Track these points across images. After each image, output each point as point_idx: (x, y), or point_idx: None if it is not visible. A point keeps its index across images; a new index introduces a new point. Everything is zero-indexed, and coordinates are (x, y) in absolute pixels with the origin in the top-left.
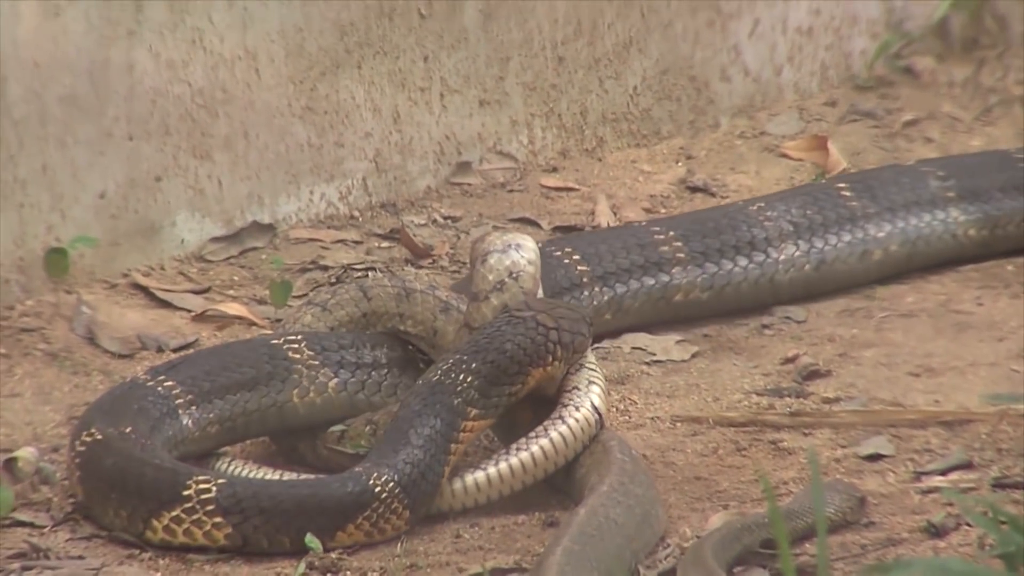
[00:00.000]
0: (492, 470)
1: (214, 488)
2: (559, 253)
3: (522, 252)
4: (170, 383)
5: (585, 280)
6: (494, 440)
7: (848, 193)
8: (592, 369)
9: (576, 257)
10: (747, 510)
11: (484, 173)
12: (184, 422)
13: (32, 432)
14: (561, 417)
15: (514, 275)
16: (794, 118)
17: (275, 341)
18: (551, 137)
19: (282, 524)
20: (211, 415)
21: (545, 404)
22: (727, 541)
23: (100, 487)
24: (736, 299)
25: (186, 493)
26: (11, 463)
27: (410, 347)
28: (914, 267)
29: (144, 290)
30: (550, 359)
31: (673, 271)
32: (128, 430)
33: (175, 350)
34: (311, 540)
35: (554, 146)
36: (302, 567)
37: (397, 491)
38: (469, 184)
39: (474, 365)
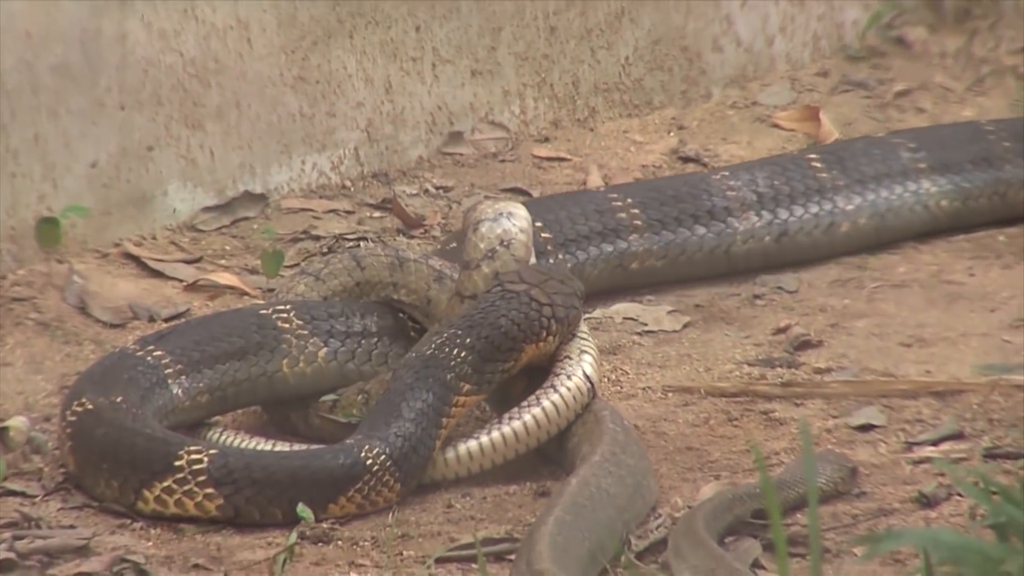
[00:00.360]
0: (484, 439)
1: (206, 458)
2: None
3: (513, 220)
4: (159, 353)
5: (550, 248)
6: (486, 410)
7: (818, 164)
8: (584, 338)
9: (539, 224)
10: (738, 480)
11: (476, 143)
12: (174, 391)
13: (23, 402)
14: (553, 386)
15: (505, 243)
16: (786, 88)
17: (264, 311)
18: (543, 107)
19: (274, 496)
20: (201, 384)
21: (538, 373)
22: (718, 511)
23: (92, 457)
24: (690, 268)
25: (178, 463)
26: (2, 433)
27: (401, 315)
28: (883, 240)
29: (136, 260)
30: (544, 334)
31: (630, 238)
32: (119, 400)
33: (167, 320)
34: (303, 510)
35: (546, 116)
36: (294, 537)
37: (388, 464)
38: (461, 154)
39: (468, 340)
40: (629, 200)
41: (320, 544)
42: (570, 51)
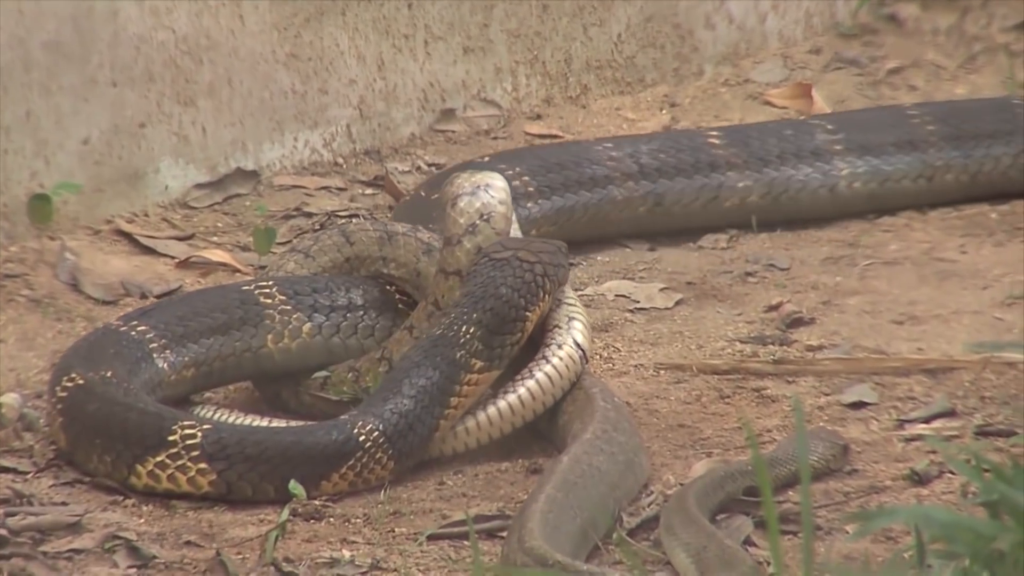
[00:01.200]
0: (481, 415)
1: (199, 433)
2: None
3: (492, 192)
4: (143, 327)
5: None
6: None
7: (716, 141)
8: (571, 304)
9: None
10: (730, 458)
11: (468, 120)
12: (160, 365)
13: (15, 378)
14: (545, 357)
15: (485, 216)
16: (778, 66)
17: (246, 287)
18: (535, 84)
19: (267, 472)
20: (186, 359)
21: (528, 344)
22: (710, 489)
23: (84, 432)
24: (572, 232)
25: (171, 438)
26: None
27: (388, 287)
28: (781, 218)
29: (128, 237)
30: (541, 295)
31: (527, 205)
32: (109, 374)
33: (159, 297)
34: (295, 487)
35: (538, 93)
36: (285, 514)
37: (382, 441)
38: (453, 131)
39: (475, 315)
40: (517, 168)
41: (312, 521)
42: (562, 28)
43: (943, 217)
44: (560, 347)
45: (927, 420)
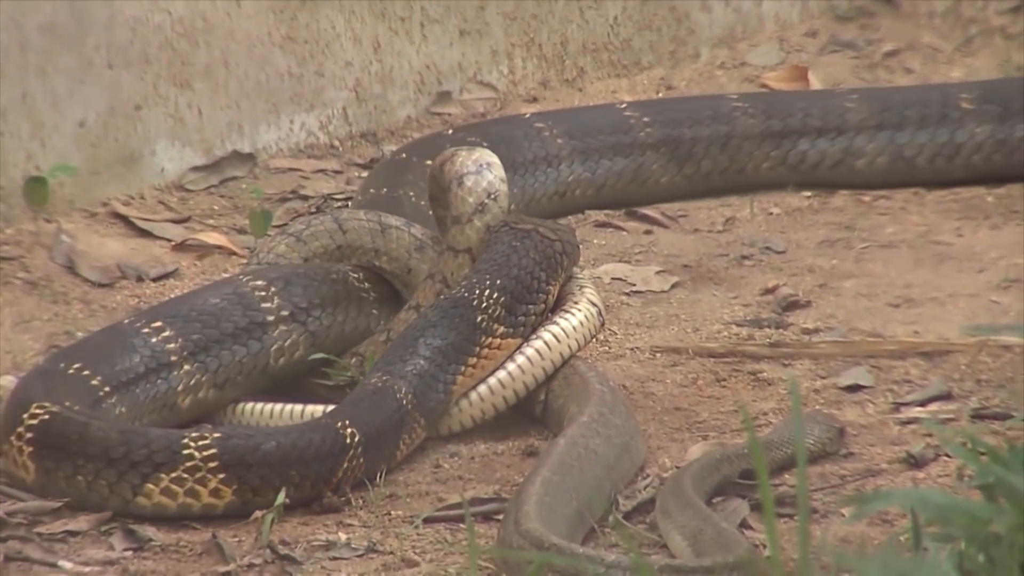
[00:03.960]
0: (510, 366)
1: (213, 444)
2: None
3: (494, 171)
4: (87, 373)
5: None
6: None
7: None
8: (579, 277)
9: None
10: (726, 441)
11: (464, 103)
12: (117, 412)
13: (12, 360)
14: (564, 310)
15: (492, 195)
16: (774, 49)
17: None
18: (531, 67)
19: (278, 476)
20: (121, 410)
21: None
22: (706, 472)
23: (65, 462)
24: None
25: (186, 452)
26: None
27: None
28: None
29: (124, 219)
30: (559, 272)
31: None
32: (71, 405)
33: (155, 279)
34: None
35: (534, 76)
36: (281, 496)
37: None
38: (449, 114)
39: (499, 281)
40: None
41: (308, 504)
42: (559, 11)
43: (939, 200)
44: (576, 303)
45: (923, 403)
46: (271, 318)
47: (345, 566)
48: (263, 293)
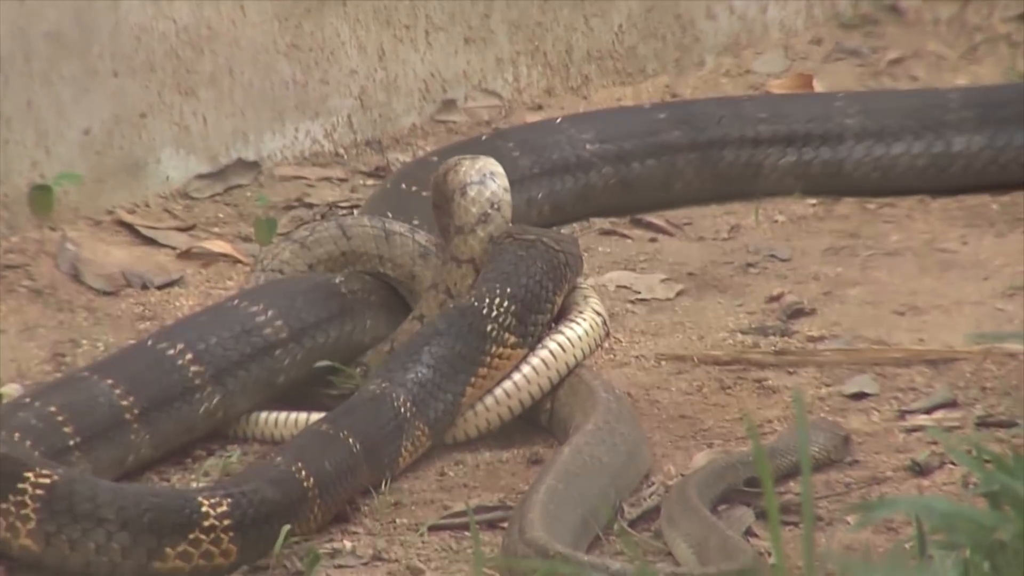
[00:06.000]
0: (516, 375)
1: (225, 503)
2: None
3: (497, 180)
4: (53, 409)
5: None
6: None
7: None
8: (582, 287)
9: None
10: (731, 448)
11: (469, 111)
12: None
13: (16, 369)
14: (569, 319)
15: (495, 205)
16: (779, 56)
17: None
18: (536, 75)
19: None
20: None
21: None
22: (711, 479)
23: (75, 530)
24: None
25: (204, 509)
26: None
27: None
28: None
29: (129, 227)
30: (563, 283)
31: None
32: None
33: (160, 287)
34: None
35: (539, 84)
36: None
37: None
38: (454, 122)
39: (508, 290)
40: None
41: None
42: (563, 18)
43: (944, 208)
44: (581, 312)
45: (928, 411)
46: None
47: (350, 574)
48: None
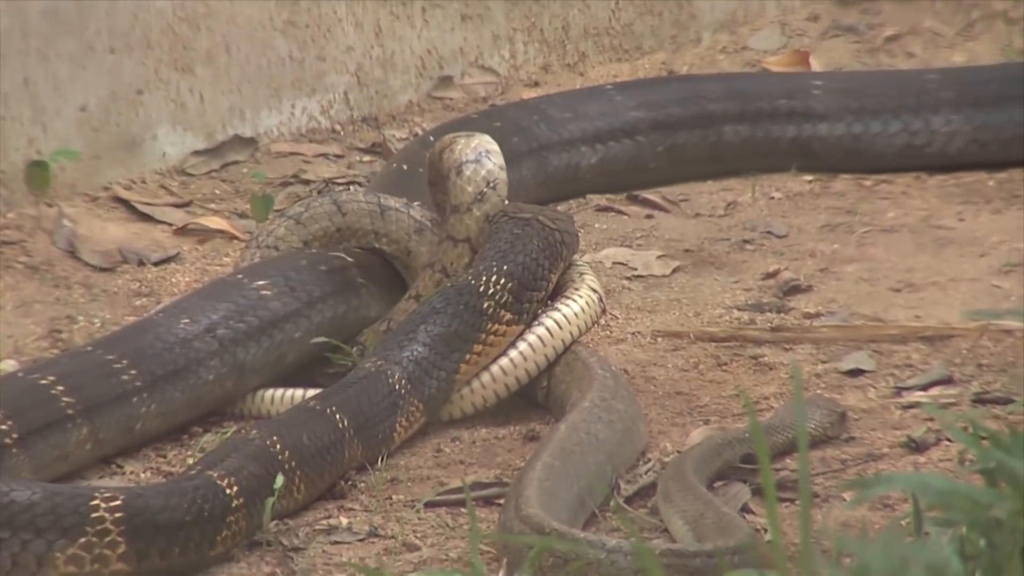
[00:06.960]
0: (513, 352)
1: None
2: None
3: (493, 159)
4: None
5: None
6: None
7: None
8: (578, 264)
9: None
10: (728, 425)
11: (466, 87)
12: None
13: (13, 345)
14: (564, 296)
15: (492, 184)
16: (776, 33)
17: None
18: (533, 52)
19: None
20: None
21: None
22: (708, 456)
23: (156, 541)
24: None
25: (234, 504)
26: None
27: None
28: None
29: (125, 203)
30: (558, 261)
31: None
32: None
33: (156, 263)
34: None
35: (536, 61)
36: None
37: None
38: (451, 98)
39: (505, 267)
40: None
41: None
42: None
43: (941, 184)
44: (577, 289)
45: (924, 387)
46: None
47: (346, 550)
48: None
